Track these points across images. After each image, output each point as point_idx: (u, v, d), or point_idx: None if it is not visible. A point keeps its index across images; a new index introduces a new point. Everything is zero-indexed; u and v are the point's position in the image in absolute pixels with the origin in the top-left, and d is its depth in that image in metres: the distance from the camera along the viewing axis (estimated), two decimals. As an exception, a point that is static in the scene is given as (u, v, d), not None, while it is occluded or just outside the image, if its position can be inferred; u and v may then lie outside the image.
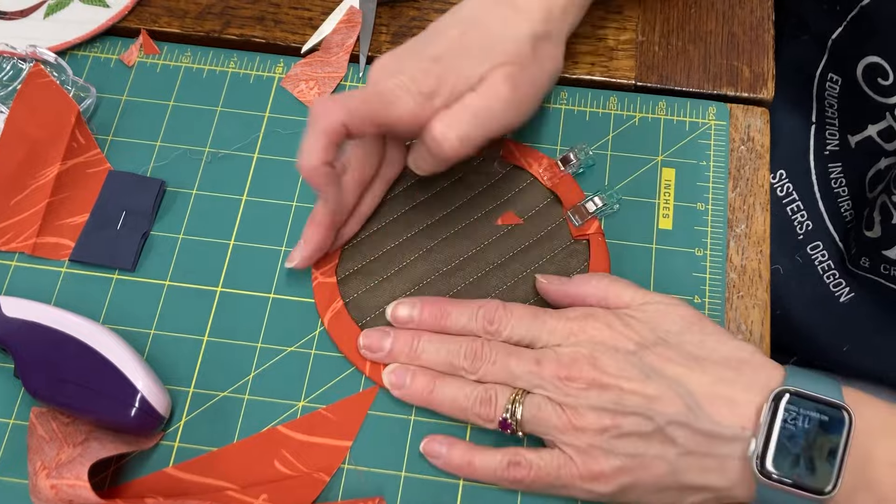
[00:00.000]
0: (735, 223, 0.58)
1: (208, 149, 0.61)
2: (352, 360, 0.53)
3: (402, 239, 0.57)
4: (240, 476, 0.51)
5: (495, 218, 0.57)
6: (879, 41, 0.63)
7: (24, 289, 0.56)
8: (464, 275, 0.56)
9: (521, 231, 0.57)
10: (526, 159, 0.59)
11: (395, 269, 0.56)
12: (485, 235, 0.57)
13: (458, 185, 0.59)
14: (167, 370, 0.54)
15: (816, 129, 0.70)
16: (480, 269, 0.56)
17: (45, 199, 0.58)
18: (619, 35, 0.65)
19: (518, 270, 0.56)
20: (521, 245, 0.56)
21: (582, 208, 0.57)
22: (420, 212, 0.58)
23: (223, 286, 0.56)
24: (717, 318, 0.55)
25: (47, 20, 0.65)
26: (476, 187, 0.59)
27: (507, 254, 0.56)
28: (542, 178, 0.58)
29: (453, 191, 0.58)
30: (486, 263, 0.56)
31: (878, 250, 0.66)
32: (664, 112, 0.61)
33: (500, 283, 0.55)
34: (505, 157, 0.59)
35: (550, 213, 0.58)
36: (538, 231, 0.57)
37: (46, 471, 0.49)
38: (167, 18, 0.66)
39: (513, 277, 0.56)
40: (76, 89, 0.61)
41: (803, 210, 0.70)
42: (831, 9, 0.66)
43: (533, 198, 0.58)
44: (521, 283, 0.55)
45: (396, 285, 0.56)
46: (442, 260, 0.56)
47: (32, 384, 0.50)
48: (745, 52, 0.64)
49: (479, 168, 0.59)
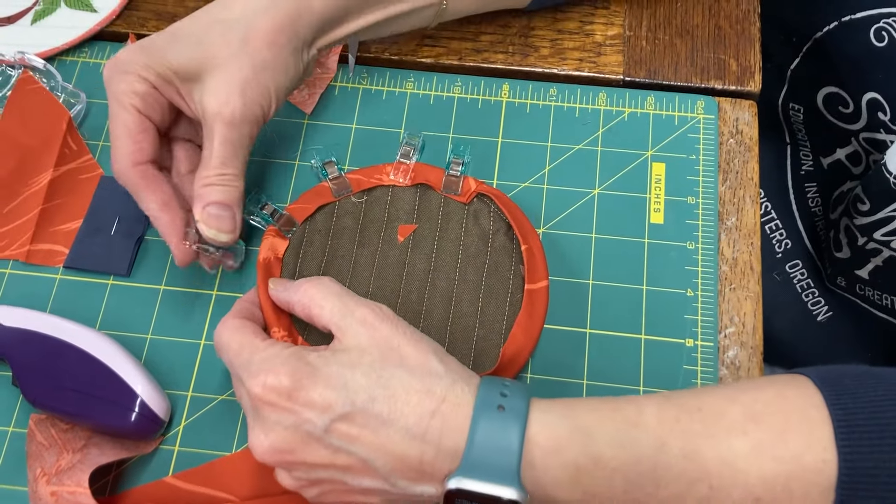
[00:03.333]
0: (725, 216, 0.59)
1: (200, 152, 0.61)
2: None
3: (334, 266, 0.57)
4: (240, 487, 0.51)
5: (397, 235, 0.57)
6: (835, 72, 0.64)
7: (19, 296, 0.56)
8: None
9: (422, 234, 0.57)
10: (376, 177, 0.59)
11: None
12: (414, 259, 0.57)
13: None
14: (165, 374, 0.54)
15: (792, 149, 0.71)
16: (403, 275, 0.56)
17: (38, 205, 0.58)
18: (606, 30, 0.65)
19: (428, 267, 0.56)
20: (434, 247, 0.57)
21: (449, 178, 0.58)
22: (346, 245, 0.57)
23: (218, 289, 0.57)
24: (710, 310, 0.55)
25: (35, 26, 0.65)
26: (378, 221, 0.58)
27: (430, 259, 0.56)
28: (400, 181, 0.59)
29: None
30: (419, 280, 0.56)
31: (851, 270, 0.67)
32: (653, 107, 0.62)
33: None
34: (355, 188, 0.59)
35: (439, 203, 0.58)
36: (436, 227, 0.57)
37: (46, 477, 0.49)
38: (155, 22, 0.66)
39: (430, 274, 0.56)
40: (66, 95, 0.61)
41: (782, 228, 0.71)
42: (788, 40, 0.67)
43: (425, 201, 0.58)
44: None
45: None
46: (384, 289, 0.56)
47: (31, 392, 0.51)
48: (731, 46, 0.64)
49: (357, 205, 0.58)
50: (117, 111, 0.51)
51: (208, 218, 0.51)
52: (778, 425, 0.40)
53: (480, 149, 0.61)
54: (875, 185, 0.61)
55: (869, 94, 0.62)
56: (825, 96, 0.66)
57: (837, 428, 0.39)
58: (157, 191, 0.52)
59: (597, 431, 0.41)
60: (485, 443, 0.41)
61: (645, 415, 0.41)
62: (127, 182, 0.52)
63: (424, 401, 0.42)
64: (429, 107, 0.62)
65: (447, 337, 0.54)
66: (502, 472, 0.40)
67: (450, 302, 0.55)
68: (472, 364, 0.53)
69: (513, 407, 0.42)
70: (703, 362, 0.54)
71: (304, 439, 0.43)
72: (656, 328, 0.55)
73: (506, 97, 0.63)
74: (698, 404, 0.41)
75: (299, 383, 0.42)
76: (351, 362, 0.43)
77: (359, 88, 0.63)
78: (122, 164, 0.51)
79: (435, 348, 0.45)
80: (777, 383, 0.42)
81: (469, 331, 0.54)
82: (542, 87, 0.63)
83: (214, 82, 0.50)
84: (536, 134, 0.61)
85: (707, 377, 0.53)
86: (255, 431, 0.44)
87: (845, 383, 0.40)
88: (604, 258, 0.57)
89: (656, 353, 0.54)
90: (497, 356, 0.53)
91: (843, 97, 0.64)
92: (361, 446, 0.42)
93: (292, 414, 0.42)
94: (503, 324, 0.54)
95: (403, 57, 0.64)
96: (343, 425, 0.42)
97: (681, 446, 0.40)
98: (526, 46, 0.64)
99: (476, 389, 0.43)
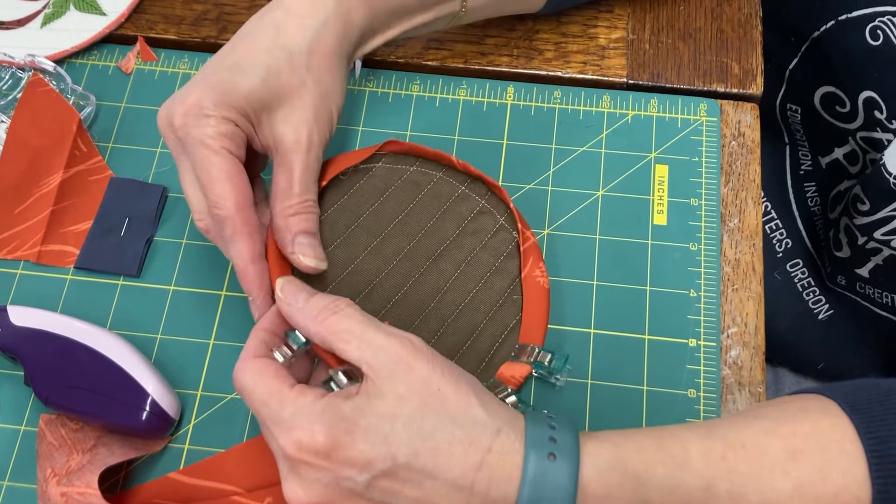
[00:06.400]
0: (728, 217, 0.59)
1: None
2: None
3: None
4: (244, 479, 0.52)
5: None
6: (832, 72, 0.65)
7: (30, 297, 0.57)
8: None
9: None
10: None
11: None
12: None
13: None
14: (175, 374, 0.55)
15: (791, 149, 0.71)
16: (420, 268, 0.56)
17: (48, 207, 0.58)
18: (609, 34, 0.66)
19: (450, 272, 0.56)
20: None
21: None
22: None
23: (227, 290, 0.57)
24: (713, 311, 0.56)
25: (44, 29, 0.66)
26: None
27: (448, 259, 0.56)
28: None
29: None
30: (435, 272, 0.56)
31: (851, 269, 0.67)
32: (656, 109, 0.63)
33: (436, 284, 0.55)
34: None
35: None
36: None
37: (57, 478, 0.49)
38: (163, 25, 0.66)
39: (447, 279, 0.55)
40: (76, 97, 0.62)
41: (782, 228, 0.72)
42: (786, 40, 0.68)
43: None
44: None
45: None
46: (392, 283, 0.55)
47: (43, 391, 0.51)
48: (733, 49, 0.65)
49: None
50: (207, 155, 0.48)
51: (303, 247, 0.50)
52: (817, 462, 0.40)
53: (485, 151, 0.61)
54: (874, 185, 0.61)
55: (865, 92, 0.62)
56: (822, 96, 0.66)
57: (871, 461, 0.39)
58: (257, 240, 0.50)
59: (646, 475, 0.41)
60: (536, 494, 0.40)
61: (691, 453, 0.41)
62: (227, 228, 0.49)
63: (469, 452, 0.40)
64: (434, 109, 0.63)
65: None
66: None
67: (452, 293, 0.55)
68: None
69: (563, 452, 0.40)
70: (705, 362, 0.55)
71: (344, 495, 0.41)
72: (659, 328, 0.56)
73: (511, 100, 0.63)
74: (741, 440, 0.41)
75: (336, 441, 0.40)
76: (390, 413, 0.41)
77: (365, 91, 0.64)
78: (227, 210, 0.48)
79: (475, 387, 0.43)
80: (811, 413, 0.42)
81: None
82: (547, 89, 0.64)
83: (289, 112, 0.50)
84: (541, 136, 0.62)
85: (710, 377, 0.54)
86: (290, 484, 0.42)
87: (874, 410, 0.41)
88: (608, 259, 0.58)
89: (660, 353, 0.55)
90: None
91: (839, 96, 0.65)
92: (404, 499, 0.41)
93: (330, 472, 0.40)
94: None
95: (409, 60, 0.65)
96: (385, 481, 0.40)
97: (727, 488, 0.40)
98: (530, 49, 0.65)
99: (523, 435, 0.41)
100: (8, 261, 0.58)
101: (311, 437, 0.40)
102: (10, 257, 0.58)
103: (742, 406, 0.54)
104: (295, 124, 0.50)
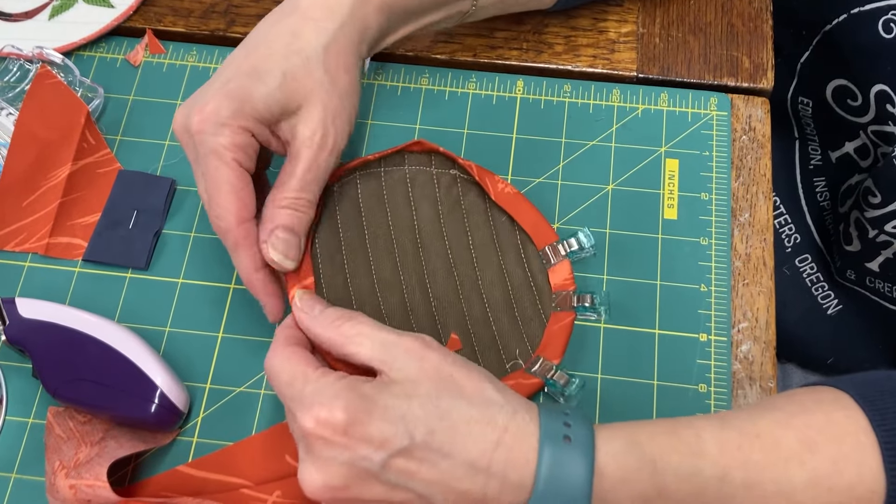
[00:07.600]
0: (739, 212, 0.59)
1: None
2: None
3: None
4: (253, 472, 0.52)
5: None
6: (844, 65, 0.64)
7: (39, 289, 0.57)
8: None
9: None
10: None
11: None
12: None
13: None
14: (183, 367, 0.54)
15: (800, 144, 0.71)
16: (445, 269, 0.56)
17: (56, 199, 0.58)
18: (619, 27, 0.65)
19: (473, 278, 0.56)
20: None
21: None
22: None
23: (236, 283, 0.57)
24: (724, 306, 0.56)
25: (52, 21, 0.65)
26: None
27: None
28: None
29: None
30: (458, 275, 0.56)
31: (861, 263, 0.67)
32: (666, 103, 0.62)
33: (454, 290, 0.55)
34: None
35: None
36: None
37: (65, 471, 0.49)
38: (172, 18, 0.66)
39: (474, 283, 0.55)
40: (84, 90, 0.62)
41: (791, 223, 0.72)
42: (798, 34, 0.68)
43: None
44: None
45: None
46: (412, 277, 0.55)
47: (52, 384, 0.51)
48: (744, 43, 0.64)
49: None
50: (217, 166, 0.48)
51: (276, 241, 0.49)
52: (832, 454, 0.40)
53: (495, 145, 0.61)
54: (886, 178, 0.61)
55: (877, 86, 0.62)
56: (834, 89, 0.66)
57: (885, 453, 0.39)
58: (259, 251, 0.50)
59: (662, 463, 0.41)
60: (554, 475, 0.40)
61: (706, 442, 0.41)
62: (228, 239, 0.49)
63: (487, 431, 0.41)
64: (444, 103, 0.63)
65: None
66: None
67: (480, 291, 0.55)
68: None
69: (579, 437, 0.41)
70: (716, 357, 0.54)
71: (359, 475, 0.41)
72: (670, 323, 0.55)
73: (520, 93, 0.63)
74: (756, 430, 0.41)
75: (355, 417, 0.40)
76: (406, 393, 0.41)
77: (374, 85, 0.64)
78: (228, 223, 0.49)
79: (488, 376, 0.44)
80: (824, 405, 0.42)
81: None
82: (557, 83, 0.63)
83: (307, 113, 0.50)
84: (551, 130, 0.62)
85: (720, 372, 0.54)
86: (306, 466, 0.42)
87: (886, 401, 0.41)
88: (618, 253, 0.57)
89: (670, 348, 0.55)
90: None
91: (851, 90, 0.64)
92: (420, 482, 0.41)
93: (347, 450, 0.40)
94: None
95: (418, 53, 0.65)
96: (401, 461, 0.40)
97: (742, 477, 0.40)
98: (540, 43, 0.65)
99: (538, 418, 0.42)
100: (16, 253, 0.58)
101: (330, 412, 0.40)
102: (19, 249, 0.58)
103: (753, 401, 0.54)
104: (311, 124, 0.50)
